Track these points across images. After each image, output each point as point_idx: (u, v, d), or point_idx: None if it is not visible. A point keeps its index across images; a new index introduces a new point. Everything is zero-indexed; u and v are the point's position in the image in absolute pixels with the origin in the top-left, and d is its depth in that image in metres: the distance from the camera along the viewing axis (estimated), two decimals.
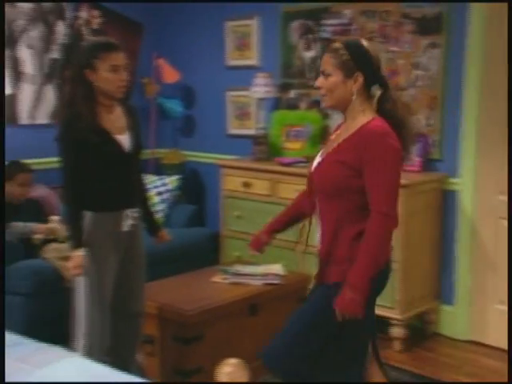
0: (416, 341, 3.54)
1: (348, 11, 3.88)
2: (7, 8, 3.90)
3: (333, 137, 2.12)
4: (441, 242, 3.64)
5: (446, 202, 3.62)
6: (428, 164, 3.65)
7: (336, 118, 4.00)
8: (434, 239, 3.61)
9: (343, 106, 2.02)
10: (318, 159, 2.11)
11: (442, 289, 3.68)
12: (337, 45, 2.01)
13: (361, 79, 1.97)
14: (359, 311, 1.94)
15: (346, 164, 1.95)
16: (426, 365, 3.28)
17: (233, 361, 1.73)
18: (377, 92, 2.02)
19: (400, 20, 3.66)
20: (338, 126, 2.17)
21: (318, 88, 2.04)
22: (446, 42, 3.52)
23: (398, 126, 2.00)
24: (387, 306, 3.37)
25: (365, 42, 2.03)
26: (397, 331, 3.38)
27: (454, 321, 3.62)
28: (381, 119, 1.99)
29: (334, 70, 1.97)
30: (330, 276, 2.04)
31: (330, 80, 1.98)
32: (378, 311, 3.38)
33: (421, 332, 3.66)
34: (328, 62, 1.99)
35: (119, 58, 2.38)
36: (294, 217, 2.35)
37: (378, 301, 3.36)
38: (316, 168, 2.08)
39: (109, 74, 2.36)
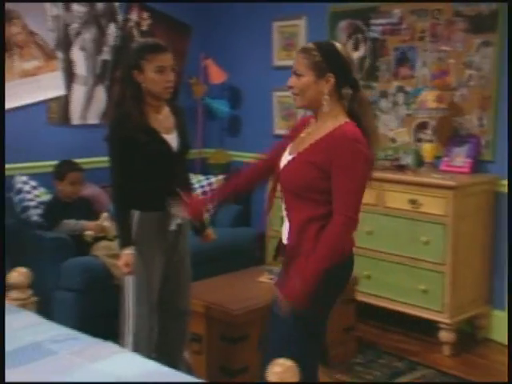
0: (466, 346, 3.46)
1: (397, 10, 3.83)
2: (63, 12, 4.02)
3: (303, 135, 2.10)
4: (492, 244, 3.55)
5: (497, 204, 3.53)
6: (479, 165, 3.56)
7: (384, 119, 3.97)
8: (485, 242, 3.53)
9: (315, 107, 2.05)
10: (287, 157, 2.10)
11: (493, 293, 3.59)
12: (309, 45, 2.04)
13: (332, 80, 2.00)
14: (306, 303, 1.97)
15: (315, 165, 1.98)
16: (475, 371, 3.20)
17: (283, 361, 1.73)
18: (348, 93, 2.04)
19: (452, 18, 3.59)
20: (305, 122, 2.16)
21: (290, 87, 2.05)
22: (500, 41, 3.43)
23: (364, 128, 2.03)
24: (436, 310, 3.31)
25: (338, 44, 2.06)
26: (446, 335, 3.31)
27: (506, 326, 3.52)
28: (353, 124, 2.01)
29: (307, 71, 2.00)
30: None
31: (302, 80, 2.01)
32: (427, 314, 3.37)
33: (471, 337, 3.57)
34: (300, 62, 2.01)
35: (166, 59, 2.40)
36: (241, 191, 2.36)
37: (427, 304, 3.36)
38: (285, 166, 2.08)
39: (155, 75, 2.38)
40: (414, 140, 3.83)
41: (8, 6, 3.76)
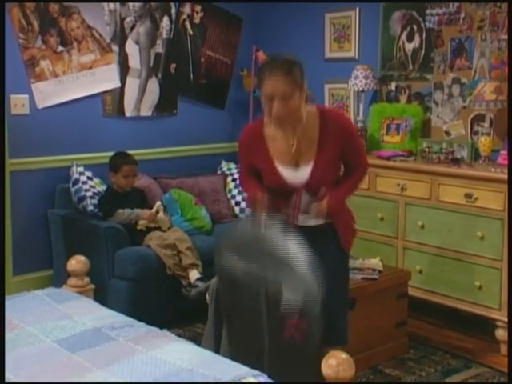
0: None
1: None
2: (119, 7, 4.09)
3: (290, 144, 2.24)
4: None
5: None
6: None
7: (439, 112, 3.88)
8: None
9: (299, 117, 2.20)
10: (299, 169, 2.25)
11: None
12: (283, 67, 2.11)
13: (306, 85, 2.17)
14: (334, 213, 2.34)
15: (338, 156, 2.27)
16: None
17: (338, 353, 1.72)
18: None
19: None
20: (254, 132, 2.31)
21: (278, 114, 2.10)
22: None
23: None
24: (493, 307, 3.23)
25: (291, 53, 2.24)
26: (503, 334, 3.21)
27: None
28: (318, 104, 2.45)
29: (294, 92, 2.10)
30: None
31: (294, 102, 2.11)
32: (483, 312, 3.29)
33: None
34: (286, 85, 2.08)
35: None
36: None
37: (483, 301, 3.27)
38: (312, 175, 2.25)
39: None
40: (470, 133, 3.73)
41: (68, 2, 3.86)
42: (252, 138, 2.30)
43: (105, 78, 4.08)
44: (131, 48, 4.20)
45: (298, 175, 2.23)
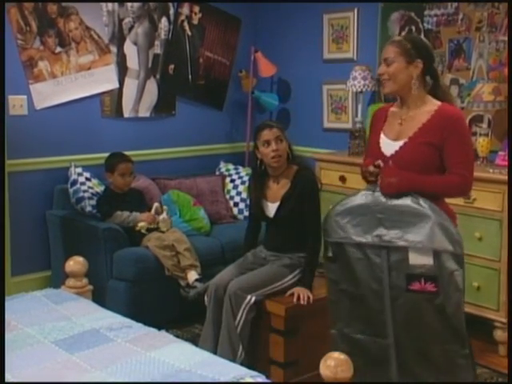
0: None
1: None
2: (118, 8, 4.09)
3: (399, 121, 2.32)
4: None
5: None
6: None
7: None
8: None
9: (403, 91, 2.29)
10: (393, 143, 2.30)
11: None
12: (399, 38, 2.37)
13: (420, 65, 2.27)
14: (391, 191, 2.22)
15: (432, 145, 2.23)
16: None
17: (337, 355, 1.72)
18: (430, 81, 2.32)
19: None
20: (385, 112, 2.41)
21: (380, 75, 2.31)
22: None
23: None
24: (491, 308, 3.23)
25: (424, 38, 2.45)
26: (501, 335, 3.22)
27: None
28: (449, 104, 2.30)
29: (397, 57, 2.26)
30: None
31: (394, 66, 2.26)
32: (481, 313, 3.29)
33: None
34: (391, 51, 2.27)
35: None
36: None
37: (481, 301, 3.28)
38: (400, 150, 2.28)
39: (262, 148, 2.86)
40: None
41: (66, 3, 3.86)
42: (379, 112, 2.48)
43: (103, 79, 4.08)
44: (129, 49, 4.20)
45: (391, 147, 2.31)
